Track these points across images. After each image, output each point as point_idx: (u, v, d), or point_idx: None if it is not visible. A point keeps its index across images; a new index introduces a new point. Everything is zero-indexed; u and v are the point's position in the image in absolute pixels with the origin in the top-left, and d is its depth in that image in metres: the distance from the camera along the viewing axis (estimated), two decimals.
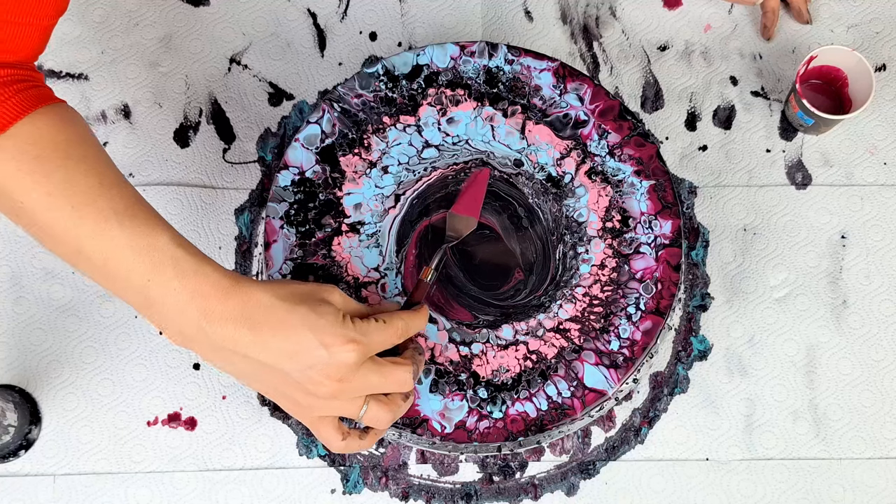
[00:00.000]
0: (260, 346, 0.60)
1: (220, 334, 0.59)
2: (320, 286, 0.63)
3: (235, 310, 0.59)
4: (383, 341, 0.63)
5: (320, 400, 0.62)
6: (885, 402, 0.83)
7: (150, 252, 0.59)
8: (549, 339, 0.76)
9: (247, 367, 0.61)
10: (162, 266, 0.59)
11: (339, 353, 0.60)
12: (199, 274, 0.60)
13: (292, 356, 0.60)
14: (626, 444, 0.82)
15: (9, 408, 0.79)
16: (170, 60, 0.91)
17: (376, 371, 0.62)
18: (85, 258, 0.60)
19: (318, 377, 0.60)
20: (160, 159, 0.89)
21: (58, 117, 0.62)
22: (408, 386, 0.64)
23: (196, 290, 0.59)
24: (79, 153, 0.61)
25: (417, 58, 0.82)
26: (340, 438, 0.65)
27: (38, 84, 0.65)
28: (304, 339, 0.59)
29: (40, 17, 0.63)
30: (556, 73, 0.82)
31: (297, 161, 0.79)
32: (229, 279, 0.60)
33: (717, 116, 0.90)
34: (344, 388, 0.61)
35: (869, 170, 0.89)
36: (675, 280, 0.77)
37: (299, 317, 0.60)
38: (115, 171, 0.63)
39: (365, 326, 0.62)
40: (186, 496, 0.81)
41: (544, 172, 0.80)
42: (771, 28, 0.91)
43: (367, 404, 0.63)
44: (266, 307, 0.60)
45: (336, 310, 0.61)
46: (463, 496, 0.81)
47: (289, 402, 0.63)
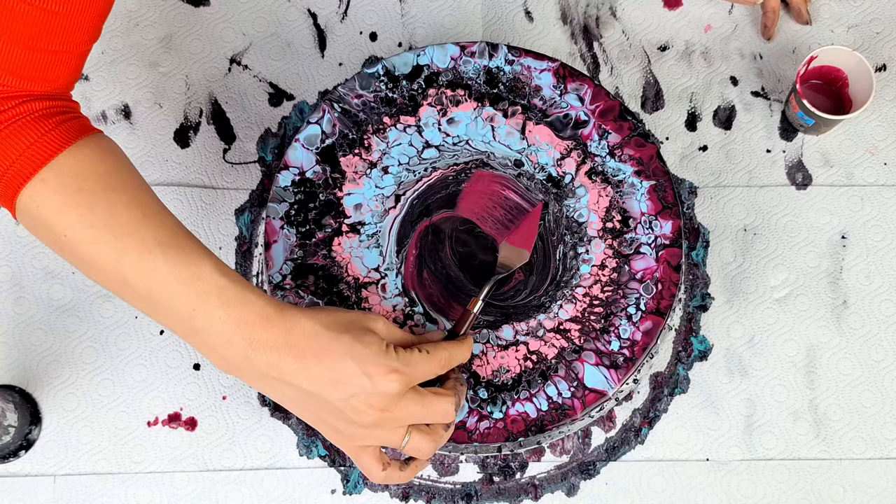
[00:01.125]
0: (304, 374, 0.60)
1: (265, 362, 0.60)
2: (365, 314, 0.64)
3: (280, 338, 0.60)
4: (426, 371, 0.63)
5: (362, 429, 0.62)
6: (885, 403, 0.83)
7: (195, 282, 0.60)
8: (550, 340, 0.76)
9: (292, 395, 0.62)
10: (207, 295, 0.60)
11: (382, 383, 0.60)
12: (243, 303, 0.60)
13: (336, 385, 0.60)
14: (627, 444, 0.82)
15: (9, 408, 0.79)
16: (170, 61, 0.91)
17: (419, 401, 0.62)
18: (130, 289, 0.61)
19: (360, 406, 0.60)
20: (160, 159, 0.89)
21: (98, 148, 0.63)
22: (449, 417, 0.64)
23: (241, 319, 0.60)
24: (120, 184, 0.62)
25: (418, 58, 0.82)
26: (381, 469, 0.65)
27: (77, 115, 0.65)
28: (348, 367, 0.60)
29: (75, 45, 0.63)
30: (556, 73, 0.82)
31: (297, 161, 0.79)
32: (274, 307, 0.61)
33: (718, 116, 0.90)
34: (386, 417, 0.61)
35: (869, 170, 0.89)
36: (676, 280, 0.77)
37: (343, 345, 0.60)
38: (155, 199, 0.63)
39: (408, 356, 0.62)
40: (186, 496, 0.81)
41: (544, 173, 0.80)
42: (771, 28, 0.91)
43: (409, 434, 0.63)
44: (310, 335, 0.60)
45: (380, 339, 0.61)
46: (463, 496, 0.81)
47: (331, 430, 0.63)
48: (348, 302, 0.76)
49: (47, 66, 0.61)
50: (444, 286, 0.78)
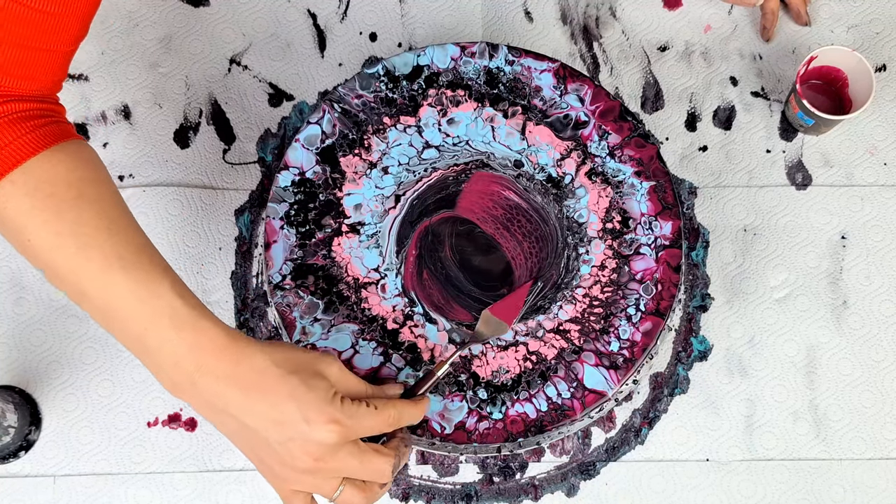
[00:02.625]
0: (246, 409, 0.59)
1: (210, 390, 0.59)
2: (321, 356, 0.63)
3: (228, 368, 0.59)
4: (370, 427, 0.62)
5: (295, 473, 0.61)
6: (885, 403, 0.83)
7: (151, 301, 0.59)
8: (549, 340, 0.76)
9: (233, 426, 0.61)
10: (161, 316, 0.59)
11: (320, 432, 0.59)
12: (196, 328, 0.60)
13: (276, 425, 0.59)
14: (627, 444, 0.82)
15: (9, 409, 0.79)
16: (170, 61, 0.91)
17: (356, 456, 0.61)
18: (87, 300, 0.60)
19: (296, 451, 0.60)
20: (160, 160, 0.89)
21: (75, 155, 0.62)
22: (385, 478, 0.63)
23: (192, 344, 0.59)
24: (92, 194, 0.61)
25: (418, 58, 0.82)
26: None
27: (59, 120, 0.64)
28: (289, 410, 0.59)
29: (61, 43, 0.62)
30: (556, 73, 0.82)
31: (297, 161, 0.79)
32: (226, 336, 0.60)
33: (718, 117, 0.90)
34: (320, 466, 0.60)
35: (869, 170, 0.89)
36: (675, 281, 0.77)
37: (290, 387, 0.59)
38: (126, 214, 0.63)
39: (353, 409, 0.61)
40: (186, 497, 0.81)
41: (544, 173, 0.80)
42: (770, 29, 0.91)
43: (342, 486, 0.62)
44: (259, 370, 0.59)
45: (328, 385, 0.61)
46: (463, 497, 0.81)
47: (266, 468, 0.63)
48: (348, 302, 0.76)
49: (33, 64, 0.61)
50: (444, 286, 0.78)
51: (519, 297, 0.76)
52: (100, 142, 0.89)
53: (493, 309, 0.75)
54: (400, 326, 0.76)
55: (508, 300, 0.76)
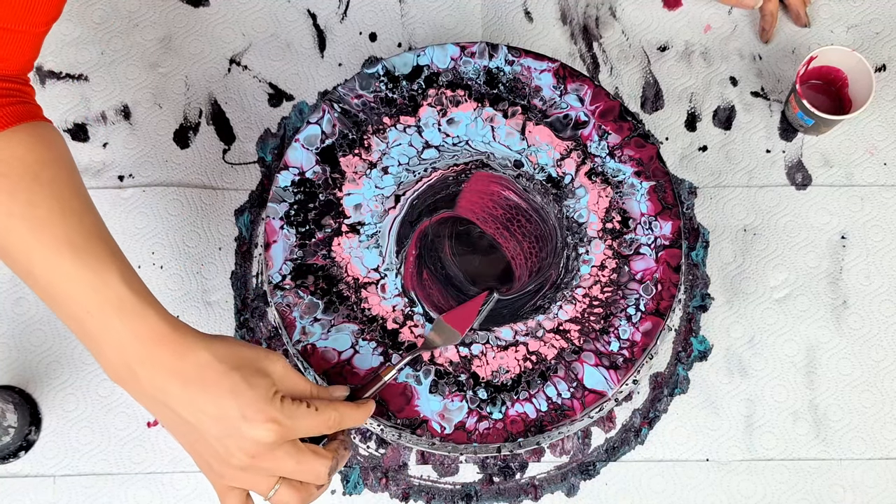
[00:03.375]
0: (186, 403, 0.59)
1: (150, 381, 0.59)
2: (265, 354, 0.62)
3: (169, 360, 0.59)
4: (309, 428, 0.62)
5: (231, 470, 0.61)
6: (885, 403, 0.83)
7: (98, 287, 0.59)
8: (549, 340, 0.76)
9: (171, 419, 0.61)
10: (106, 303, 0.59)
11: (257, 430, 0.59)
12: (140, 317, 0.59)
13: (213, 420, 0.59)
14: (627, 444, 0.82)
15: (9, 409, 0.79)
16: (170, 61, 0.91)
17: (293, 456, 0.61)
18: (34, 281, 0.60)
19: (232, 448, 0.59)
20: (160, 160, 0.89)
21: (36, 137, 0.62)
22: (321, 479, 0.62)
23: (135, 333, 0.59)
24: (48, 176, 0.61)
25: (418, 58, 0.82)
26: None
27: (26, 100, 0.64)
28: (228, 406, 0.59)
29: (32, 24, 0.62)
30: (556, 73, 0.82)
31: (297, 161, 0.79)
32: (170, 327, 0.60)
33: (717, 117, 0.90)
34: (256, 465, 0.60)
35: (869, 170, 0.89)
36: (675, 281, 0.77)
37: (231, 383, 0.59)
38: (81, 198, 0.62)
39: (293, 409, 0.61)
40: (186, 497, 0.81)
41: (544, 173, 0.80)
42: (769, 31, 0.91)
43: (278, 485, 0.62)
44: (201, 365, 0.59)
45: (270, 383, 0.60)
46: (463, 497, 0.81)
47: (203, 462, 0.62)
48: (348, 302, 0.76)
49: (2, 44, 0.61)
50: (444, 286, 0.78)
51: (473, 306, 0.75)
52: (100, 142, 0.89)
53: (447, 317, 0.75)
54: (400, 326, 0.76)
55: (463, 309, 0.75)
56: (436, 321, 0.75)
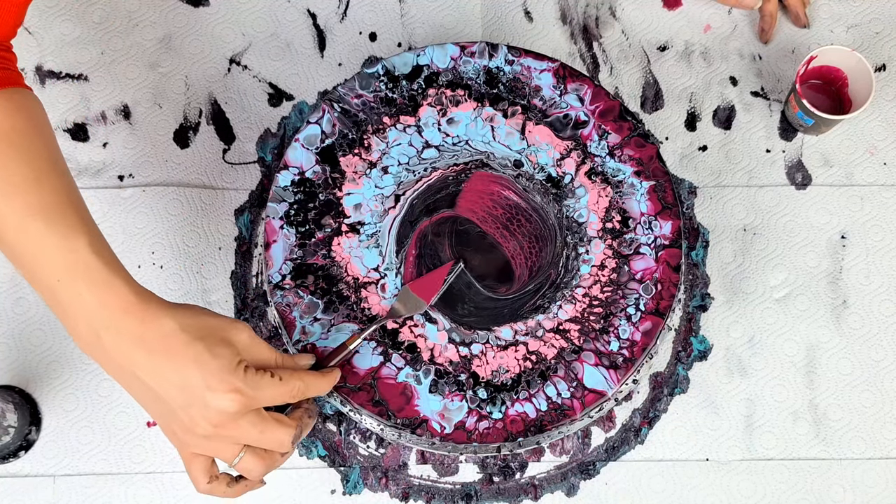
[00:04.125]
0: (151, 372, 0.59)
1: (116, 349, 0.59)
2: (230, 323, 0.63)
3: (135, 329, 0.59)
4: (273, 398, 0.62)
5: (196, 438, 0.61)
6: (885, 403, 0.83)
7: (67, 254, 0.59)
8: (549, 340, 0.76)
9: (137, 387, 0.61)
10: (75, 271, 0.59)
11: (220, 400, 0.59)
12: (108, 285, 0.60)
13: (178, 390, 0.59)
14: (626, 444, 0.82)
15: (9, 409, 0.79)
16: (169, 61, 0.91)
17: (256, 425, 0.61)
18: (6, 246, 0.61)
19: (196, 417, 0.60)
20: (160, 160, 0.89)
21: (11, 104, 0.62)
22: (284, 447, 0.63)
23: (101, 301, 0.59)
24: (22, 143, 0.61)
25: (417, 58, 0.82)
26: (206, 480, 0.65)
27: (6, 66, 0.64)
28: (192, 376, 0.59)
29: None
30: (556, 73, 0.82)
31: (297, 161, 0.79)
32: (137, 296, 0.60)
33: (717, 117, 0.90)
34: (219, 433, 0.61)
35: (869, 170, 0.89)
36: (675, 281, 0.77)
37: (194, 353, 0.59)
38: (55, 165, 0.62)
39: (256, 379, 0.61)
40: (186, 496, 0.81)
41: (544, 173, 0.80)
42: (769, 32, 0.91)
43: (243, 453, 0.63)
44: (165, 334, 0.59)
45: (234, 353, 0.61)
46: (463, 497, 0.81)
47: (168, 430, 0.63)
48: (348, 301, 0.76)
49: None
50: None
51: (439, 275, 0.76)
52: (100, 142, 0.89)
53: (413, 285, 0.76)
54: (399, 326, 0.76)
55: (428, 278, 0.76)
56: (401, 290, 0.76)
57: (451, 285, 0.77)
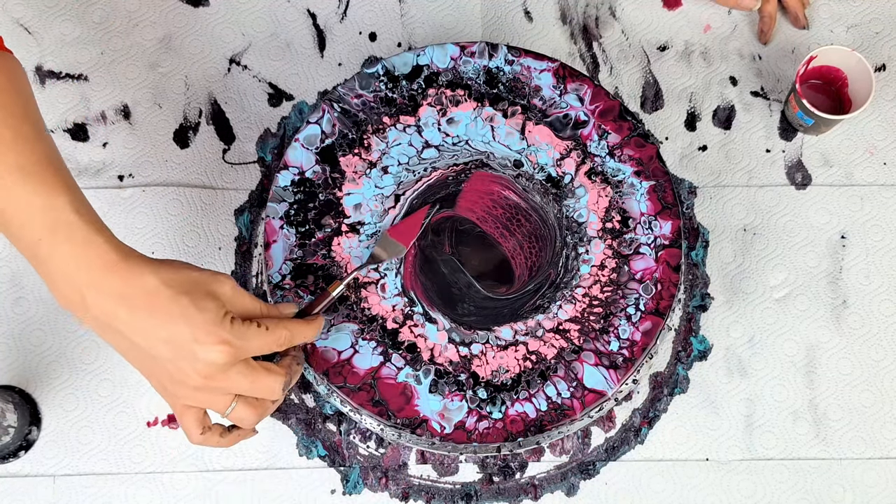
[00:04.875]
0: (136, 329, 0.59)
1: (100, 308, 0.59)
2: (214, 276, 0.63)
3: (118, 286, 0.59)
4: (260, 347, 0.63)
5: (187, 390, 0.62)
6: (885, 402, 0.83)
7: (46, 213, 0.59)
8: (549, 340, 0.76)
9: (123, 344, 0.61)
10: (55, 229, 0.59)
11: (209, 352, 0.59)
12: (88, 243, 0.59)
13: (165, 344, 0.60)
14: (626, 444, 0.82)
15: (9, 408, 0.79)
16: (169, 61, 0.91)
17: (246, 375, 0.62)
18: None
19: (186, 369, 0.60)
20: (160, 160, 0.89)
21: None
22: (275, 395, 0.64)
23: (83, 259, 0.59)
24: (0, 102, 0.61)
25: (417, 58, 0.82)
26: (199, 432, 0.65)
27: None
28: (179, 330, 0.59)
29: None
30: (556, 73, 0.82)
31: (297, 161, 0.79)
32: (118, 254, 0.60)
33: (717, 116, 0.90)
34: (210, 385, 0.61)
35: (869, 170, 0.89)
36: (675, 281, 0.77)
37: (179, 307, 0.59)
38: (35, 126, 0.63)
39: (243, 330, 0.61)
40: (186, 496, 0.81)
41: (544, 173, 0.80)
42: (768, 33, 0.91)
43: (235, 402, 0.63)
44: (149, 291, 0.59)
45: (219, 306, 0.61)
46: (463, 496, 0.81)
47: (159, 385, 0.63)
48: (348, 301, 0.76)
49: None
50: (444, 286, 0.78)
51: (416, 220, 0.77)
52: (99, 142, 0.89)
53: (392, 231, 0.77)
54: (399, 326, 0.76)
55: (407, 222, 0.77)
56: (381, 236, 0.77)
57: (451, 285, 0.77)
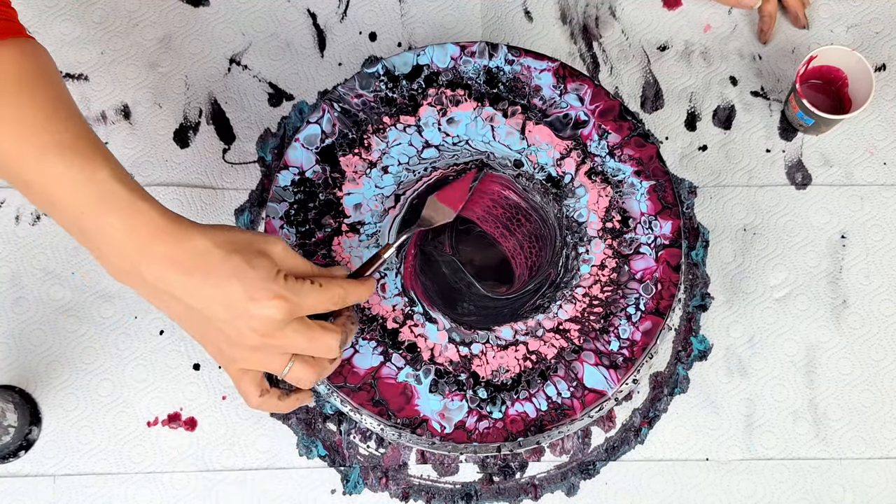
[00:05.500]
0: (190, 291, 0.59)
1: (152, 274, 0.59)
2: (264, 236, 0.62)
3: (169, 251, 0.59)
4: (315, 305, 0.62)
5: (243, 351, 0.61)
6: (885, 402, 0.83)
7: (88, 185, 0.59)
8: (549, 340, 0.76)
9: (178, 309, 0.61)
10: (99, 200, 0.59)
11: (265, 308, 0.59)
12: (135, 210, 0.59)
13: (220, 305, 0.59)
14: (626, 444, 0.82)
15: (9, 408, 0.79)
16: (169, 61, 0.91)
17: (303, 333, 0.61)
18: (29, 188, 0.61)
19: (243, 329, 0.60)
20: (160, 160, 0.89)
21: (18, 50, 0.62)
22: (333, 353, 0.63)
23: (131, 227, 0.59)
24: (32, 84, 0.61)
25: (418, 58, 0.82)
26: (258, 394, 0.65)
27: (9, 18, 0.65)
28: (233, 289, 0.59)
29: None
30: (556, 73, 0.82)
31: (297, 161, 0.79)
32: (167, 219, 0.60)
33: (717, 116, 0.90)
34: (267, 343, 0.61)
35: (869, 170, 0.89)
36: (675, 280, 0.77)
37: (231, 266, 0.59)
38: (67, 105, 0.63)
39: (298, 286, 0.61)
40: (186, 496, 0.81)
41: (544, 173, 0.80)
42: (768, 32, 0.91)
43: (292, 362, 0.63)
44: (201, 252, 0.59)
45: (272, 263, 0.61)
46: (463, 496, 0.81)
47: (214, 349, 0.63)
48: None
49: None
50: (444, 286, 0.78)
51: (464, 184, 0.77)
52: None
53: (440, 195, 0.76)
54: (400, 326, 0.76)
55: (454, 186, 0.77)
56: (429, 200, 0.76)
57: (451, 285, 0.77)
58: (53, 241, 0.86)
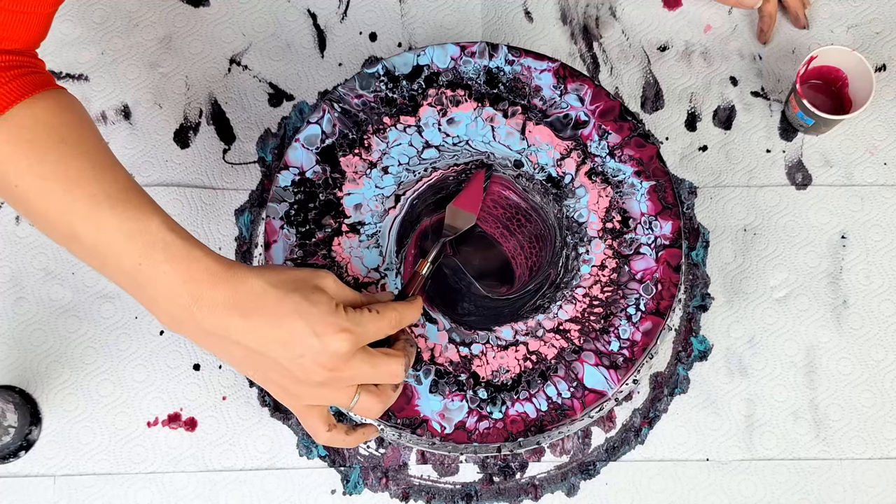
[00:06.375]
0: (251, 334, 0.59)
1: (210, 320, 0.59)
2: (315, 272, 0.63)
3: (226, 296, 0.59)
4: (377, 331, 0.63)
5: (310, 388, 0.62)
6: (885, 402, 0.83)
7: (141, 236, 0.59)
8: (549, 340, 0.76)
9: (238, 353, 0.61)
10: (152, 250, 0.59)
11: (332, 342, 0.59)
12: (189, 258, 0.60)
13: (283, 344, 0.59)
14: (627, 444, 0.82)
15: (9, 408, 0.79)
16: (170, 61, 0.91)
17: (368, 361, 0.62)
18: (78, 242, 0.60)
19: (309, 365, 0.60)
20: (160, 160, 0.89)
21: (55, 102, 0.62)
22: (399, 378, 0.64)
23: (186, 275, 0.59)
24: (73, 137, 0.61)
25: (418, 58, 0.82)
26: (326, 429, 0.65)
27: (39, 70, 0.65)
28: (296, 327, 0.59)
29: (40, 5, 0.63)
30: (556, 73, 0.82)
31: (297, 161, 0.79)
32: (221, 265, 0.60)
33: (717, 117, 0.90)
34: (335, 377, 0.61)
35: (869, 170, 0.89)
36: (676, 281, 0.77)
37: (291, 304, 0.59)
38: (109, 155, 0.63)
39: (358, 316, 0.61)
40: (186, 497, 0.81)
41: (544, 173, 0.80)
42: (768, 32, 0.91)
43: (357, 394, 0.63)
44: (257, 294, 0.60)
45: (329, 298, 0.61)
46: (463, 497, 0.81)
47: (278, 388, 0.63)
48: None
49: (10, 25, 0.61)
50: (444, 286, 0.78)
51: (477, 186, 0.77)
52: None
53: (457, 202, 0.77)
54: None
55: (468, 191, 0.78)
56: (448, 209, 0.77)
57: (451, 285, 0.77)
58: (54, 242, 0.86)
